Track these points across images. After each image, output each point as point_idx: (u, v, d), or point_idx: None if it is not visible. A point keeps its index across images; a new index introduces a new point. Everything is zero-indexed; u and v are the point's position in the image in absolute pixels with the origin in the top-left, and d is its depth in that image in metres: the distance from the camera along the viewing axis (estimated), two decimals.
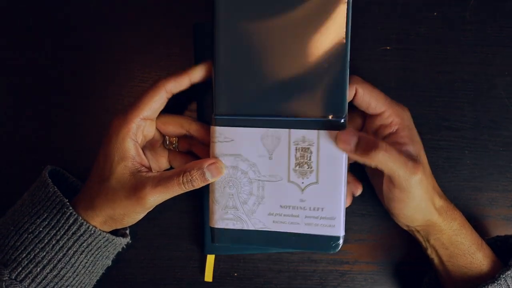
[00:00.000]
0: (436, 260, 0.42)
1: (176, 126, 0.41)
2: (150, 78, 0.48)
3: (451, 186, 0.47)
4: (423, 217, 0.39)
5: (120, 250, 0.44)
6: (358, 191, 0.43)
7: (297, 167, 0.38)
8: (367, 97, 0.39)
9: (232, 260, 0.48)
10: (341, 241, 0.38)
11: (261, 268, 0.48)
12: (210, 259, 0.47)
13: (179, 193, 0.37)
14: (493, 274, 0.39)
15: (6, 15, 0.48)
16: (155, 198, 0.37)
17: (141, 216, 0.39)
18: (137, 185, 0.37)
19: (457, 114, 0.47)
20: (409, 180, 0.36)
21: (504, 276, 0.38)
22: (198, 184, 0.37)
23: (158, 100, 0.39)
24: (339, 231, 0.38)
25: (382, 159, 0.35)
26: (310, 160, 0.37)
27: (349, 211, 0.47)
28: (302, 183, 0.38)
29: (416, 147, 0.39)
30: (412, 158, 0.37)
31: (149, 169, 0.39)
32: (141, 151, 0.39)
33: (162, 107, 0.40)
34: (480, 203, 0.47)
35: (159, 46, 0.48)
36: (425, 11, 0.47)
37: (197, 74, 0.39)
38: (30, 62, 0.48)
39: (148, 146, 0.43)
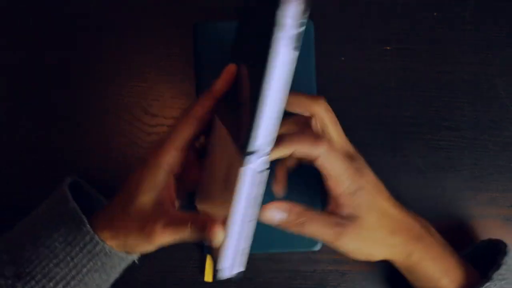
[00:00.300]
0: (407, 278, 0.43)
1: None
2: (150, 78, 0.48)
3: (451, 186, 0.47)
4: (376, 258, 0.40)
5: (131, 263, 0.44)
6: (280, 193, 0.43)
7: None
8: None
9: None
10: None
11: (261, 268, 0.48)
12: (210, 259, 0.47)
13: (189, 240, 0.35)
14: None
15: (6, 15, 0.48)
16: (163, 238, 0.36)
17: (151, 249, 0.38)
18: (151, 218, 0.36)
19: (457, 114, 0.47)
20: (334, 244, 0.38)
21: None
22: (192, 239, 0.35)
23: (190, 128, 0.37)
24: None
25: (307, 232, 0.38)
26: None
27: None
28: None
29: (358, 212, 0.38)
30: (339, 224, 0.38)
31: (173, 204, 0.38)
32: (173, 185, 0.38)
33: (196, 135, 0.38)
34: (480, 203, 0.47)
35: (159, 46, 0.48)
36: (425, 11, 0.47)
37: (219, 87, 0.37)
38: (29, 62, 0.48)
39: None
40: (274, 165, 0.38)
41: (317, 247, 0.46)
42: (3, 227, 0.43)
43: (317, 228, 0.38)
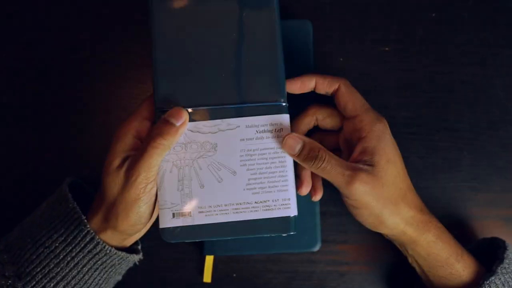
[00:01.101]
0: (417, 269, 0.42)
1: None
2: (149, 80, 0.48)
3: (450, 186, 0.47)
4: (385, 226, 0.39)
5: (132, 266, 0.44)
6: (316, 196, 0.43)
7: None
8: (346, 97, 0.40)
9: (231, 260, 0.48)
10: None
11: (260, 268, 0.48)
12: (209, 260, 0.47)
13: (158, 153, 0.37)
14: (476, 282, 0.39)
15: (6, 14, 0.48)
16: (139, 170, 0.36)
17: (142, 204, 0.38)
18: (124, 168, 0.37)
19: (456, 115, 0.47)
20: (346, 188, 0.37)
21: (488, 282, 0.38)
22: (167, 133, 0.37)
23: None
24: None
25: (320, 169, 0.37)
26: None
27: (348, 212, 0.47)
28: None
29: (377, 158, 0.38)
30: (354, 169, 0.37)
31: None
32: (140, 146, 0.39)
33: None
34: (479, 203, 0.47)
35: None
36: (424, 12, 0.47)
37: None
38: (29, 62, 0.48)
39: None
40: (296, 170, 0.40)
41: (316, 248, 0.46)
42: (3, 227, 0.43)
43: (332, 166, 0.37)
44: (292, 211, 0.38)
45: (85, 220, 0.39)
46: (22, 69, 0.48)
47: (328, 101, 0.42)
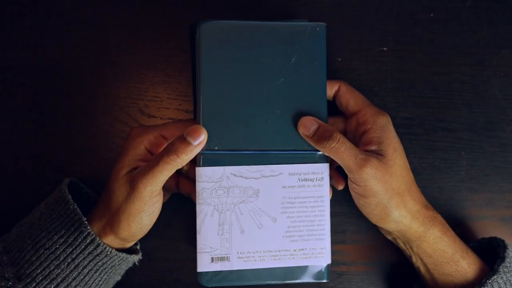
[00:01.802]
0: (422, 268, 0.42)
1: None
2: (148, 79, 0.48)
3: (447, 187, 0.47)
4: (392, 219, 0.39)
5: (131, 266, 0.44)
6: (340, 186, 0.43)
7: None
8: (348, 95, 0.41)
9: None
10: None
11: None
12: None
13: (169, 169, 0.36)
14: (479, 280, 0.39)
15: (6, 14, 0.48)
16: (146, 183, 0.36)
17: (144, 216, 0.38)
18: (131, 178, 0.37)
19: (454, 115, 0.47)
20: (358, 172, 0.37)
21: (490, 281, 0.38)
22: (182, 151, 0.36)
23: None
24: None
25: (333, 149, 0.37)
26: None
27: (346, 212, 0.48)
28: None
29: (384, 147, 0.39)
30: (366, 154, 0.38)
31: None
32: (150, 158, 0.39)
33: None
34: (477, 204, 0.47)
35: (157, 46, 0.48)
36: (422, 13, 0.47)
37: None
38: (28, 62, 0.48)
39: None
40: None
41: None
42: (3, 227, 0.43)
43: (346, 148, 0.37)
44: (327, 260, 0.39)
45: (86, 222, 0.39)
46: (21, 70, 0.48)
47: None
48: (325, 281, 0.39)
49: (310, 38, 0.39)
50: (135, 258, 0.43)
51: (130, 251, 0.43)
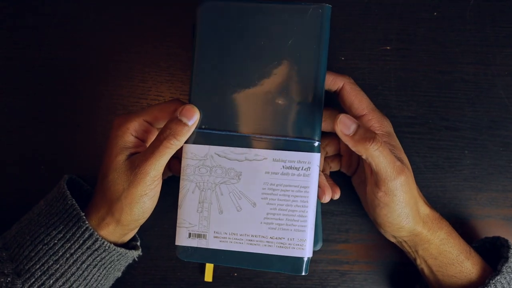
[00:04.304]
0: (426, 270, 0.42)
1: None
2: (150, 78, 0.48)
3: (451, 186, 0.47)
4: (408, 226, 0.38)
5: (131, 262, 0.44)
6: (336, 195, 0.41)
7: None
8: (352, 96, 0.39)
9: None
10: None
11: None
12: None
13: (169, 153, 0.37)
14: (483, 281, 0.39)
15: (6, 14, 0.48)
16: (150, 168, 0.37)
17: (147, 199, 0.38)
18: (131, 165, 0.38)
19: (457, 114, 0.47)
20: (394, 180, 0.36)
21: (493, 281, 0.38)
22: (180, 133, 0.36)
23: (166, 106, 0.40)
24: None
25: (375, 153, 0.35)
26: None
27: (349, 211, 0.47)
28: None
29: (399, 154, 0.39)
30: (401, 161, 0.37)
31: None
32: (140, 145, 0.40)
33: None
34: (480, 203, 0.47)
35: (159, 46, 0.48)
36: (425, 11, 0.47)
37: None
38: (28, 62, 0.48)
39: None
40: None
41: (317, 247, 0.46)
42: (3, 225, 0.43)
43: (387, 153, 0.35)
44: (306, 253, 0.38)
45: (84, 217, 0.39)
46: (21, 70, 0.48)
47: (329, 99, 0.41)
48: (303, 274, 0.38)
49: (311, 20, 0.37)
50: (135, 253, 0.43)
51: (130, 246, 0.43)
